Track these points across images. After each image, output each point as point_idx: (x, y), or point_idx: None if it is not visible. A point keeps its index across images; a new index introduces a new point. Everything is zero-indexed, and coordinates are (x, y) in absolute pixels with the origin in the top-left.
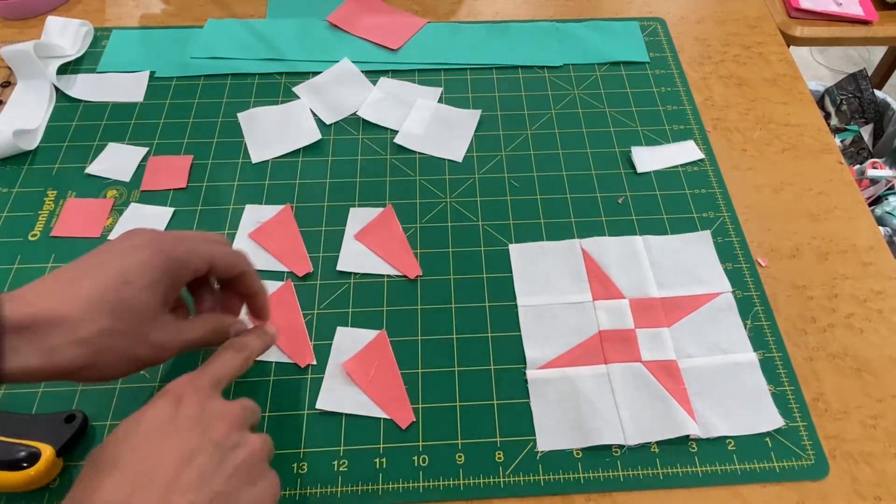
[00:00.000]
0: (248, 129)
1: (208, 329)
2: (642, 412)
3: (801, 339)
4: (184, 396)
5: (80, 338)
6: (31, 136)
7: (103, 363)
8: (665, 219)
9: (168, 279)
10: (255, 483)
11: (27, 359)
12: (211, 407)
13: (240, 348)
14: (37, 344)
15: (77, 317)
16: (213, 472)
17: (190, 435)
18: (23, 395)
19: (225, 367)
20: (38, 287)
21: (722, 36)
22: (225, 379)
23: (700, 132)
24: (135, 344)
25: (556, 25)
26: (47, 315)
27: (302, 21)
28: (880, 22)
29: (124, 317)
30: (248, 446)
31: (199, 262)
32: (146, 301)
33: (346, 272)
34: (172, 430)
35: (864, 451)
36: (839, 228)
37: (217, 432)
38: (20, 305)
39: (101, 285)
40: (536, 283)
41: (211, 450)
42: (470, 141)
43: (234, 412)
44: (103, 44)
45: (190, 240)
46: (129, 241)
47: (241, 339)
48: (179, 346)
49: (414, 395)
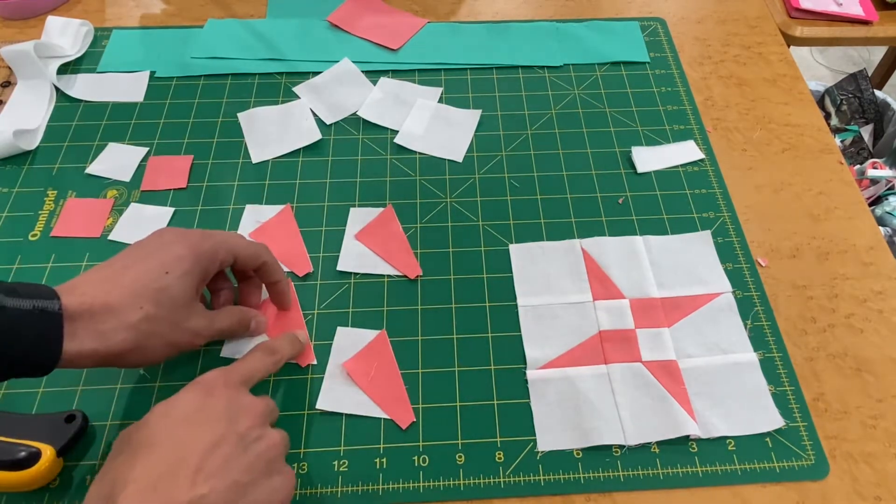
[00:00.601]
0: (248, 129)
1: (235, 320)
2: (642, 412)
3: (801, 339)
4: (214, 389)
5: (128, 323)
6: (32, 136)
7: (148, 347)
8: (665, 219)
9: (200, 270)
10: (272, 476)
11: (83, 342)
12: (238, 401)
13: (271, 352)
14: (91, 329)
15: (125, 304)
16: (235, 460)
17: (217, 425)
18: (23, 395)
19: (255, 367)
20: (88, 279)
21: (722, 36)
22: (254, 378)
23: (700, 132)
24: (174, 329)
25: (556, 25)
26: (99, 303)
27: (302, 21)
28: (880, 22)
29: (165, 304)
30: (268, 440)
31: (225, 254)
32: (183, 290)
33: (347, 272)
34: (202, 419)
35: (865, 451)
36: (839, 228)
37: (242, 425)
38: (75, 296)
39: (143, 276)
40: (536, 283)
41: (235, 440)
42: (470, 141)
43: (259, 408)
44: (103, 44)
45: (215, 235)
46: (162, 238)
47: (273, 343)
48: (211, 333)
49: (414, 395)
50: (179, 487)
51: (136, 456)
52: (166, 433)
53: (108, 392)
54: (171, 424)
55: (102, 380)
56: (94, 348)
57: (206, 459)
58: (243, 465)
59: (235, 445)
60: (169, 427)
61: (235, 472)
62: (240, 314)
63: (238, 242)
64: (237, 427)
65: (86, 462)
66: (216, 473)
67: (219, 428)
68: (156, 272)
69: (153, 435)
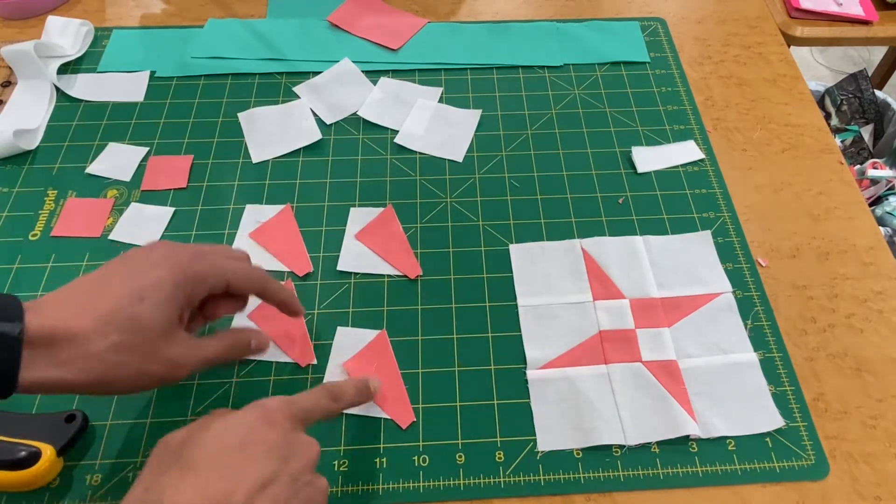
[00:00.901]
0: (248, 129)
1: (226, 345)
2: (642, 412)
3: (801, 339)
4: (275, 420)
5: (92, 352)
6: (32, 135)
7: (116, 378)
8: (665, 219)
9: (183, 296)
10: None
11: (43, 371)
12: (296, 439)
13: (335, 397)
14: (52, 357)
15: (91, 332)
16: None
17: (272, 461)
18: (23, 394)
19: (317, 409)
20: (59, 297)
21: (722, 36)
22: (312, 418)
23: (700, 132)
24: (147, 359)
25: (556, 25)
26: (63, 329)
27: (302, 21)
28: (880, 22)
29: (136, 332)
30: (318, 486)
31: (215, 280)
32: (159, 318)
33: (347, 272)
34: (258, 451)
35: (865, 451)
36: (839, 228)
37: (295, 465)
38: (40, 318)
39: (114, 302)
40: (536, 283)
41: (288, 481)
42: (470, 141)
43: (314, 450)
44: (103, 43)
45: (209, 255)
46: (148, 258)
47: (340, 387)
48: (196, 362)
49: (414, 395)
50: None
51: (185, 476)
52: (219, 457)
53: None
54: (226, 449)
55: None
56: (55, 378)
57: (257, 497)
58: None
59: (287, 487)
60: (222, 451)
61: None
62: (233, 338)
63: (232, 268)
64: (291, 467)
65: (86, 462)
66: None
67: (273, 464)
68: (130, 297)
69: (206, 457)
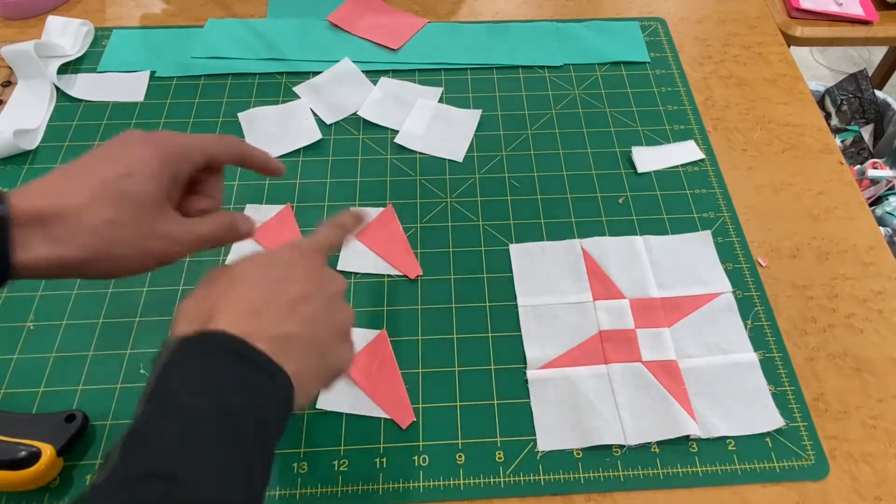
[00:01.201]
0: (248, 129)
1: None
2: (642, 412)
3: (801, 339)
4: (306, 251)
5: (88, 227)
6: (32, 135)
7: (115, 255)
8: (665, 219)
9: (170, 170)
10: (342, 345)
11: (37, 250)
12: (326, 268)
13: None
14: (46, 235)
15: (83, 207)
16: (322, 317)
17: (310, 281)
18: (23, 394)
19: (329, 239)
20: (42, 182)
21: (722, 36)
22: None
23: (700, 132)
24: (144, 235)
25: (556, 25)
26: (53, 207)
27: (302, 21)
28: (881, 22)
29: (128, 206)
30: (348, 312)
31: (196, 153)
32: (149, 191)
33: (347, 272)
34: (297, 273)
35: (865, 451)
36: (839, 228)
37: (332, 289)
38: (26, 199)
39: (104, 177)
40: (537, 283)
41: (325, 300)
42: (470, 141)
43: (343, 281)
44: (104, 43)
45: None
46: (128, 138)
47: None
48: (191, 239)
49: (414, 395)
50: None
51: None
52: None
53: (108, 392)
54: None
55: (102, 380)
56: (52, 256)
57: (298, 306)
58: (328, 325)
59: (325, 304)
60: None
61: (321, 327)
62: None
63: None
64: (327, 289)
65: (86, 462)
66: (305, 320)
67: (312, 284)
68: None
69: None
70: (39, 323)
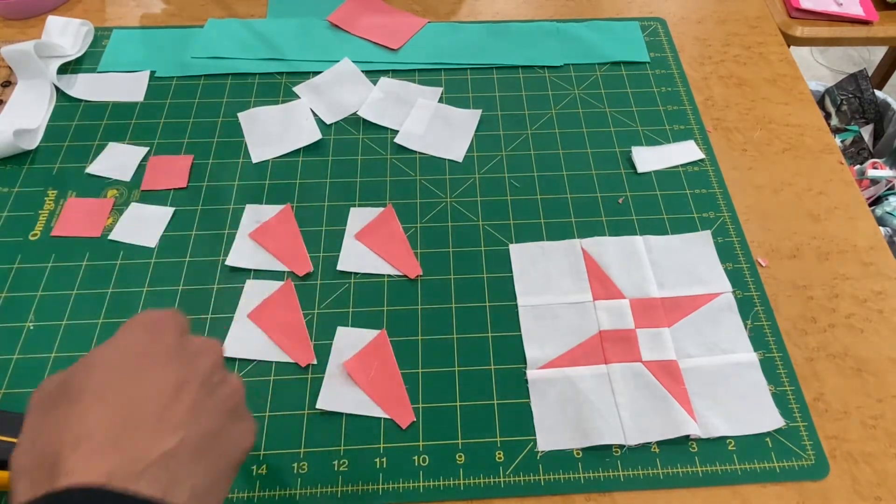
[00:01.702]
0: (248, 129)
1: None
2: (642, 412)
3: (801, 339)
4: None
5: None
6: (32, 135)
7: None
8: (665, 219)
9: None
10: (237, 422)
11: None
12: (191, 340)
13: None
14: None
15: None
16: (202, 407)
17: (175, 366)
18: (23, 394)
19: None
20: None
21: (722, 36)
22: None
23: (700, 132)
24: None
25: (556, 25)
26: None
27: (302, 21)
28: (881, 22)
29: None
30: (231, 384)
31: None
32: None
33: (347, 272)
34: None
35: (865, 451)
36: (839, 228)
37: (202, 366)
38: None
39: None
40: (536, 283)
41: (199, 383)
42: (470, 141)
43: (216, 348)
44: (104, 43)
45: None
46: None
47: None
48: None
49: (414, 395)
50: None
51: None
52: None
53: None
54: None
55: None
56: None
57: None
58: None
59: (199, 389)
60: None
61: (205, 418)
62: None
63: None
64: (198, 368)
65: None
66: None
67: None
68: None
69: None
70: (39, 323)
